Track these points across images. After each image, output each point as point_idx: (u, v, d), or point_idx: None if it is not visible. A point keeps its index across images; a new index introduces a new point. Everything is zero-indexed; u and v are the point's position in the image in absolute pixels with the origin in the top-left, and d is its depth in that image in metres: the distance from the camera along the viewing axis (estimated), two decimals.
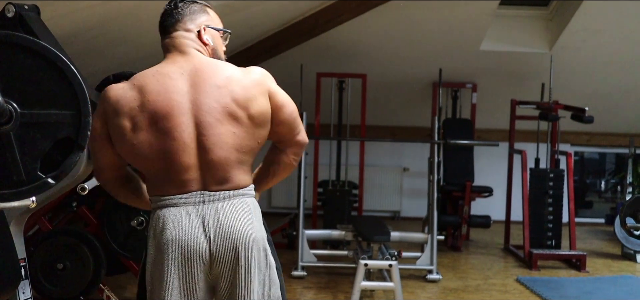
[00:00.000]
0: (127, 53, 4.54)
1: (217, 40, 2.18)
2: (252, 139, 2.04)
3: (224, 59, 2.18)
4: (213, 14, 2.21)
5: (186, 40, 2.12)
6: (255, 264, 2.04)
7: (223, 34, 2.22)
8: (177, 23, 2.14)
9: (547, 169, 6.34)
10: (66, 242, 3.90)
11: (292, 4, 5.37)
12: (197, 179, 2.00)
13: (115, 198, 2.18)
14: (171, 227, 1.98)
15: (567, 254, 6.03)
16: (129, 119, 1.98)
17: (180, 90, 2.00)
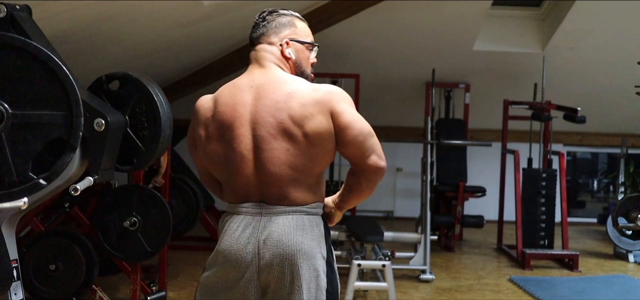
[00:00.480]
0: (120, 53, 4.53)
1: (301, 54, 2.16)
2: (305, 157, 2.01)
3: (308, 72, 2.17)
4: (302, 26, 2.20)
5: (266, 54, 2.12)
6: (303, 282, 2.00)
7: (310, 46, 2.19)
8: (262, 36, 2.16)
9: (539, 169, 6.35)
10: (58, 243, 3.88)
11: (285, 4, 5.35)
12: (256, 191, 2.03)
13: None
14: (227, 236, 2.04)
15: (560, 253, 6.05)
16: (204, 127, 2.06)
17: (245, 102, 2.02)
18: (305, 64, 2.17)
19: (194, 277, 5.24)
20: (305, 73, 2.16)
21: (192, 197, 5.57)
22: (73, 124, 2.06)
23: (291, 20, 2.19)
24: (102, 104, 2.51)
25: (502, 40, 6.80)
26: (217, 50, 6.27)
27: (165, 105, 2.73)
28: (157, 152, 2.71)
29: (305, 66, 2.17)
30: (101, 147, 2.35)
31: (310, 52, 2.19)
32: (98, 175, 2.38)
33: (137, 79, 2.65)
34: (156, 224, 3.91)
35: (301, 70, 2.15)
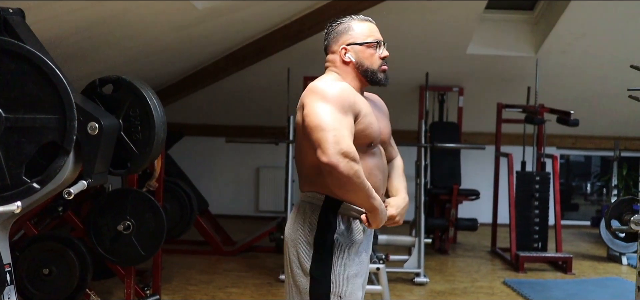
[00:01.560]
0: (114, 57, 4.53)
1: (361, 54, 2.31)
2: (299, 149, 2.31)
3: (373, 68, 2.31)
4: (360, 28, 2.35)
5: (327, 63, 2.39)
6: (286, 263, 2.34)
7: (371, 45, 2.31)
8: (328, 47, 2.39)
9: (533, 172, 6.37)
10: (52, 247, 3.86)
11: (279, 8, 5.37)
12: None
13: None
14: None
15: (554, 256, 6.07)
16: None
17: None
18: (367, 63, 2.31)
19: (188, 280, 5.24)
20: (370, 70, 2.31)
21: (186, 201, 5.56)
22: (66, 128, 2.06)
23: (348, 25, 2.35)
24: (95, 108, 2.51)
25: (496, 44, 6.82)
26: (211, 54, 6.27)
27: (159, 108, 2.73)
28: (150, 155, 2.71)
29: (369, 64, 2.31)
30: (95, 150, 2.35)
31: (374, 49, 2.32)
32: (92, 179, 2.38)
33: (131, 82, 2.65)
34: (150, 227, 3.90)
35: (364, 69, 2.31)
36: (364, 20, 2.37)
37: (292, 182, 5.64)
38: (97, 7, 3.19)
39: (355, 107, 2.24)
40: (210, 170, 8.19)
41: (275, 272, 5.52)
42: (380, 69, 2.31)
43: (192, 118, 7.97)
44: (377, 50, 2.32)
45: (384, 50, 2.33)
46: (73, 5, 3.02)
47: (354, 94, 2.27)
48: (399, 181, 2.47)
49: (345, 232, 2.30)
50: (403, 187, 2.45)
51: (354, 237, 2.31)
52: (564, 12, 6.10)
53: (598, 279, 5.70)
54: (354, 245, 2.31)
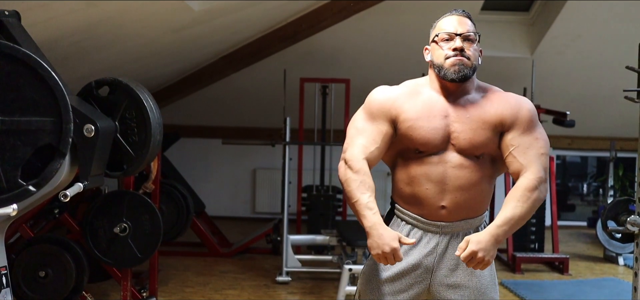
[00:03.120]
0: (110, 59, 4.52)
1: (433, 52, 2.24)
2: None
3: (439, 63, 2.19)
4: (438, 24, 2.26)
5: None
6: None
7: (439, 38, 2.21)
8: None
9: None
10: (48, 249, 3.86)
11: (275, 9, 5.37)
12: None
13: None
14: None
15: (550, 257, 6.08)
16: None
17: None
18: (436, 60, 2.21)
19: (185, 282, 5.23)
20: (437, 66, 2.20)
21: (183, 203, 5.55)
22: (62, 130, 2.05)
23: (433, 25, 2.29)
24: (91, 110, 2.50)
25: (492, 45, 6.81)
26: (208, 55, 6.27)
27: (156, 110, 2.72)
28: (147, 157, 2.70)
29: (437, 59, 2.20)
30: (91, 153, 2.34)
31: (443, 43, 2.20)
32: (88, 182, 2.37)
33: (127, 84, 2.64)
34: (146, 229, 3.90)
35: (436, 65, 2.21)
36: (445, 15, 2.26)
37: (288, 184, 5.63)
38: (92, 9, 3.19)
39: (393, 113, 2.20)
40: (206, 171, 8.19)
41: (272, 273, 5.51)
42: (447, 63, 2.15)
43: (189, 120, 7.96)
44: (447, 42, 2.18)
45: (457, 41, 2.15)
46: (69, 7, 3.01)
47: (399, 100, 2.22)
48: (504, 210, 2.12)
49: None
50: (500, 220, 2.09)
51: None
52: (560, 13, 6.11)
53: (595, 279, 5.71)
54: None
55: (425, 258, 2.21)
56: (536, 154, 2.15)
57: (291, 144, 5.69)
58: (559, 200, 7.68)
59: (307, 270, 5.51)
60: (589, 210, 8.80)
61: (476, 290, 2.21)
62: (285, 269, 5.35)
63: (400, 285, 2.23)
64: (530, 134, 2.17)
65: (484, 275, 2.23)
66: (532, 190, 2.11)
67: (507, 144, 2.16)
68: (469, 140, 2.15)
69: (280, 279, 5.31)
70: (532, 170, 2.13)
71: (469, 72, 2.16)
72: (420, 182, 2.17)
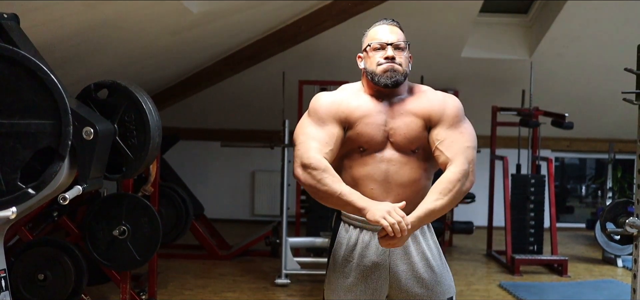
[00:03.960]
0: (108, 62, 4.52)
1: (366, 59, 2.33)
2: None
3: (371, 69, 2.29)
4: (369, 33, 2.37)
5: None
6: None
7: (371, 48, 2.30)
8: None
9: (528, 174, 6.38)
10: (47, 252, 3.86)
11: (274, 12, 5.37)
12: None
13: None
14: None
15: (549, 259, 6.08)
16: None
17: None
18: (369, 67, 2.30)
19: (184, 285, 5.23)
20: (370, 73, 2.29)
21: (182, 206, 5.55)
22: (62, 133, 2.05)
23: (365, 33, 2.39)
24: (90, 113, 2.50)
25: (490, 47, 6.83)
26: (206, 58, 6.27)
27: (154, 113, 2.73)
28: (146, 160, 2.70)
29: (370, 68, 2.29)
30: (90, 155, 2.34)
31: (374, 52, 2.29)
32: (87, 184, 2.37)
33: (126, 87, 2.64)
34: (145, 232, 3.89)
35: (369, 72, 2.30)
36: (376, 25, 2.37)
37: (287, 186, 5.63)
38: (91, 11, 3.19)
39: (342, 115, 2.27)
40: (205, 174, 8.18)
41: (271, 276, 5.51)
42: (379, 69, 2.25)
43: (188, 122, 7.96)
44: (379, 51, 2.28)
45: (388, 50, 2.26)
46: (68, 10, 3.01)
47: (344, 102, 2.29)
48: (425, 202, 2.18)
49: (343, 241, 2.32)
50: (420, 211, 2.15)
51: (347, 246, 2.31)
52: (558, 15, 6.12)
53: (593, 281, 5.71)
54: (345, 255, 2.31)
55: (380, 257, 2.28)
56: (461, 147, 2.24)
57: (290, 146, 5.69)
58: (558, 202, 7.68)
59: (306, 273, 5.51)
60: (587, 212, 8.80)
61: (435, 281, 2.31)
62: (284, 271, 5.35)
63: (363, 288, 2.29)
64: (456, 128, 2.27)
65: (438, 265, 2.34)
66: (455, 182, 2.19)
67: (434, 138, 2.27)
68: (403, 135, 2.26)
69: (280, 282, 5.31)
70: (456, 162, 2.22)
71: (400, 78, 2.27)
72: (365, 183, 2.25)
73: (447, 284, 2.36)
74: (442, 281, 2.34)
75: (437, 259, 2.34)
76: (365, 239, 2.28)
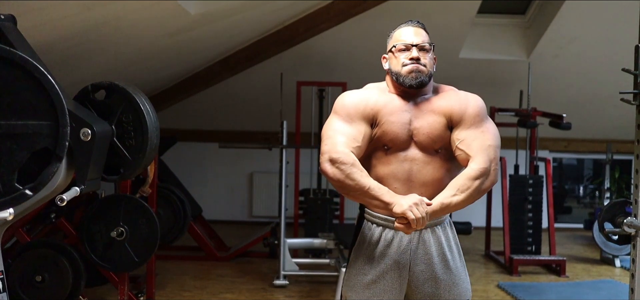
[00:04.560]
0: (106, 63, 4.52)
1: (391, 60, 2.35)
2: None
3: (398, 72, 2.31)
4: (395, 34, 2.39)
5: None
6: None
7: (396, 49, 2.33)
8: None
9: (526, 175, 6.38)
10: (44, 253, 3.85)
11: (272, 13, 5.37)
12: None
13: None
14: None
15: (547, 259, 6.08)
16: None
17: None
18: (394, 68, 2.32)
19: (182, 286, 5.22)
20: (395, 74, 2.32)
21: (180, 207, 5.55)
22: (59, 134, 2.05)
23: (390, 34, 2.42)
24: (88, 114, 2.49)
25: (488, 48, 6.83)
26: (204, 59, 6.27)
27: (152, 114, 2.72)
28: (144, 161, 2.70)
29: (395, 69, 2.32)
30: (87, 157, 2.34)
31: (400, 52, 2.32)
32: (84, 186, 2.37)
33: (124, 88, 2.64)
34: (143, 234, 3.89)
35: (394, 73, 2.32)
36: (401, 26, 2.39)
37: (286, 187, 5.63)
38: (89, 13, 3.19)
39: (369, 113, 2.28)
40: (203, 175, 8.18)
41: (270, 277, 5.51)
42: (404, 71, 2.28)
43: (186, 123, 7.96)
44: (404, 52, 2.30)
45: (413, 51, 2.29)
46: (65, 11, 3.01)
47: (372, 100, 2.30)
48: (443, 194, 2.21)
49: (365, 238, 2.33)
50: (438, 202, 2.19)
51: (369, 244, 2.31)
52: (556, 16, 6.13)
53: (591, 281, 5.72)
54: (367, 253, 2.31)
55: (401, 256, 2.28)
56: (482, 146, 2.25)
57: (288, 147, 5.68)
58: (556, 203, 7.69)
59: (305, 274, 5.51)
60: (585, 213, 8.81)
61: (451, 283, 2.31)
62: (282, 272, 5.35)
63: (383, 286, 2.29)
64: (477, 127, 2.28)
65: (457, 267, 2.33)
66: (474, 180, 2.20)
67: (455, 138, 2.28)
68: (427, 134, 2.27)
69: (278, 283, 5.31)
70: (477, 160, 2.22)
71: (425, 78, 2.30)
72: (388, 182, 2.25)
73: (464, 287, 2.35)
74: (459, 283, 2.33)
75: (456, 260, 2.34)
76: (387, 237, 2.29)
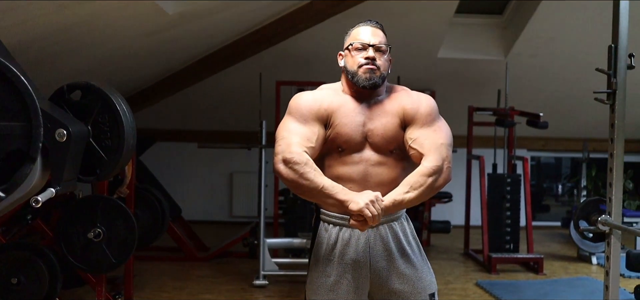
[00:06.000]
0: (82, 63, 4.48)
1: (347, 58, 2.35)
2: None
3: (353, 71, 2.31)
4: (352, 33, 2.38)
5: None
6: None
7: (352, 47, 2.33)
8: None
9: (504, 174, 6.44)
10: (20, 256, 3.80)
11: (251, 12, 5.36)
12: None
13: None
14: None
15: (525, 257, 6.13)
16: None
17: None
18: (350, 66, 2.33)
19: (161, 287, 5.20)
20: (351, 72, 2.32)
21: (158, 207, 5.51)
22: (32, 135, 2.02)
23: (348, 33, 2.41)
24: (63, 114, 2.47)
25: (466, 48, 6.88)
26: (183, 59, 6.24)
27: (129, 114, 2.71)
28: (120, 162, 2.68)
29: (350, 67, 2.32)
30: (63, 158, 2.32)
31: (356, 51, 2.32)
32: (60, 187, 2.35)
33: (99, 88, 2.62)
34: (121, 234, 3.86)
35: (348, 73, 2.33)
36: (360, 25, 2.39)
37: (265, 187, 5.63)
38: (65, 12, 3.16)
39: (323, 114, 2.28)
40: (183, 176, 8.14)
41: (249, 277, 5.50)
42: (360, 71, 2.28)
43: (164, 124, 7.91)
44: (360, 52, 2.30)
45: (369, 51, 2.29)
46: (41, 11, 2.98)
47: (326, 101, 2.31)
48: (396, 192, 2.21)
49: (323, 240, 2.33)
50: (389, 201, 2.19)
51: (327, 245, 2.32)
52: (533, 16, 6.18)
53: (568, 278, 5.78)
54: (326, 254, 2.32)
55: (360, 255, 2.30)
56: (435, 144, 2.27)
57: (267, 147, 5.68)
58: (534, 201, 7.77)
59: (284, 274, 5.51)
60: (563, 211, 8.90)
61: (415, 277, 2.33)
62: (262, 272, 5.34)
63: (346, 287, 2.30)
64: (430, 126, 2.30)
65: (418, 261, 2.35)
66: (427, 177, 2.22)
67: (408, 137, 2.30)
68: (381, 135, 2.29)
69: (258, 283, 5.30)
70: (430, 158, 2.24)
71: (378, 80, 2.29)
72: (344, 183, 2.25)
73: (428, 280, 2.36)
74: (423, 277, 2.34)
75: (417, 254, 2.36)
76: (345, 236, 2.30)
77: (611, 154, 2.91)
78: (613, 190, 2.92)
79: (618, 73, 2.88)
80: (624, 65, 2.87)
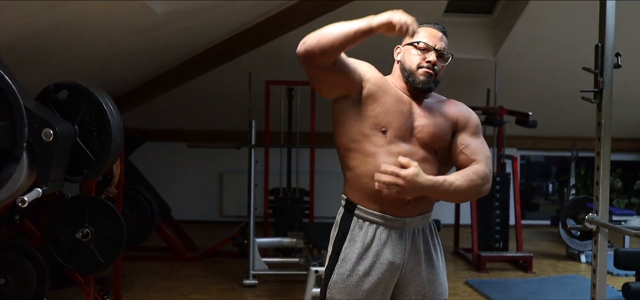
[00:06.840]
0: (70, 63, 4.46)
1: (406, 54, 2.35)
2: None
3: (411, 69, 2.31)
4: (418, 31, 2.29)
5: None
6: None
7: (414, 46, 2.33)
8: None
9: (494, 173, 6.45)
10: (7, 256, 3.78)
11: (240, 12, 5.34)
12: None
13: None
14: None
15: (515, 255, 6.16)
16: None
17: None
18: (407, 63, 2.32)
19: (151, 287, 5.18)
20: (407, 70, 2.32)
21: (147, 207, 5.50)
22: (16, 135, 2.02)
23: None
24: (50, 114, 2.46)
25: (455, 47, 6.83)
26: (171, 59, 6.22)
27: (116, 114, 2.70)
28: (107, 162, 2.67)
29: (408, 64, 2.32)
30: (50, 157, 2.31)
31: (418, 51, 2.31)
32: (47, 187, 2.34)
33: (86, 88, 2.61)
34: (109, 234, 3.85)
35: (404, 69, 2.33)
36: (428, 25, 2.39)
37: (255, 187, 5.62)
38: (51, 11, 3.14)
39: (364, 74, 2.29)
40: (173, 175, 8.12)
41: (239, 276, 5.49)
42: (419, 71, 2.28)
43: (153, 123, 7.89)
44: (423, 53, 2.30)
45: (432, 55, 2.28)
46: (26, 10, 2.96)
47: (376, 75, 2.31)
48: (447, 176, 2.22)
49: (357, 238, 2.26)
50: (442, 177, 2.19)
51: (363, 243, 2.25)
52: (521, 15, 6.20)
53: (557, 277, 5.81)
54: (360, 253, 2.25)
55: (397, 256, 2.24)
56: (485, 155, 2.32)
57: (257, 146, 5.67)
58: (523, 200, 7.80)
59: (274, 273, 5.51)
60: (553, 209, 8.94)
61: (435, 282, 2.32)
62: (252, 271, 5.34)
63: (376, 287, 2.24)
64: (478, 138, 2.37)
65: (440, 266, 2.35)
66: (478, 176, 2.23)
67: (459, 142, 2.33)
68: (432, 133, 2.28)
69: (248, 282, 5.30)
70: (483, 164, 2.27)
71: (433, 85, 2.32)
72: (382, 161, 2.18)
73: (445, 287, 2.37)
74: (442, 282, 2.35)
75: (440, 259, 2.36)
76: (382, 236, 2.24)
77: (598, 153, 2.93)
78: (600, 188, 2.94)
79: (605, 72, 2.90)
80: (611, 64, 2.89)
